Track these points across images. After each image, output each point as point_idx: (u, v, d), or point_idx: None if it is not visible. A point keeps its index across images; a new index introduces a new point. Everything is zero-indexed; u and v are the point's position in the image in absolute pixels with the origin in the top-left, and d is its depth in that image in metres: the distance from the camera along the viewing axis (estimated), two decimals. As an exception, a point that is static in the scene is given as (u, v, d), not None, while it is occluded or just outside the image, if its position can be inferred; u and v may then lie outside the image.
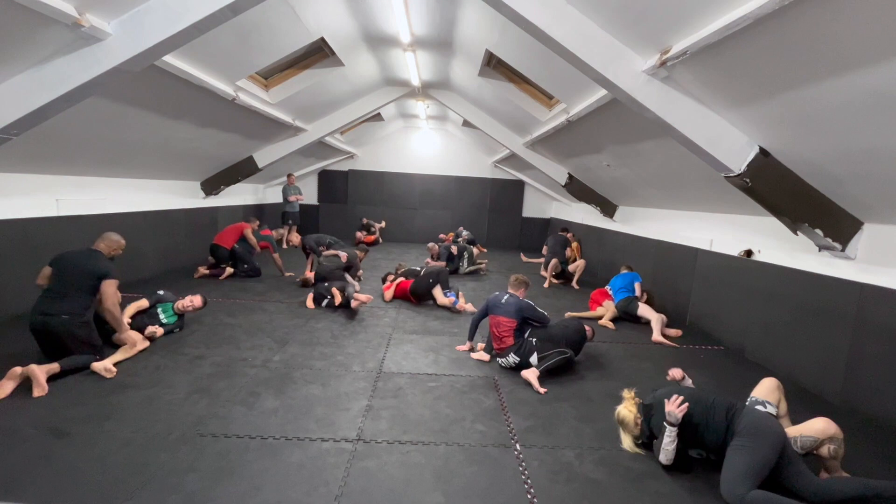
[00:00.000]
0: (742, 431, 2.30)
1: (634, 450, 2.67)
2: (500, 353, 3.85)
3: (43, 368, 3.00)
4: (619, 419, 2.70)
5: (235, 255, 6.80)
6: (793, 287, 4.01)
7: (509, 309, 3.87)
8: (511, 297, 3.95)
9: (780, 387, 2.66)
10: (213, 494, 2.13)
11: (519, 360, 3.73)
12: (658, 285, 6.24)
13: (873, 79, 2.31)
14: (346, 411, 2.98)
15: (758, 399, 2.57)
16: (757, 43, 2.57)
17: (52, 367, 3.08)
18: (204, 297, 4.46)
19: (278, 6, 4.35)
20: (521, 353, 3.73)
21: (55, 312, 3.19)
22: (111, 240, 3.67)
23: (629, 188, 6.92)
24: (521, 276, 4.18)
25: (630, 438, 2.69)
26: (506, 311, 3.87)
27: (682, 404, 2.40)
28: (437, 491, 2.25)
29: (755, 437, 2.26)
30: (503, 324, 3.84)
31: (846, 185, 3.21)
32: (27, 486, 2.12)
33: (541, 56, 4.41)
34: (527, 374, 3.54)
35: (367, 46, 6.34)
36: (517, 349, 3.76)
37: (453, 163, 12.61)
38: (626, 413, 2.67)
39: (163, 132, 5.42)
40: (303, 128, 8.09)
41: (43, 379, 2.96)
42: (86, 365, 3.28)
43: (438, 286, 5.55)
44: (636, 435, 2.67)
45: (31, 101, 3.21)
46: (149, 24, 3.15)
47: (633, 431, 2.66)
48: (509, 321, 3.83)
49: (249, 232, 6.82)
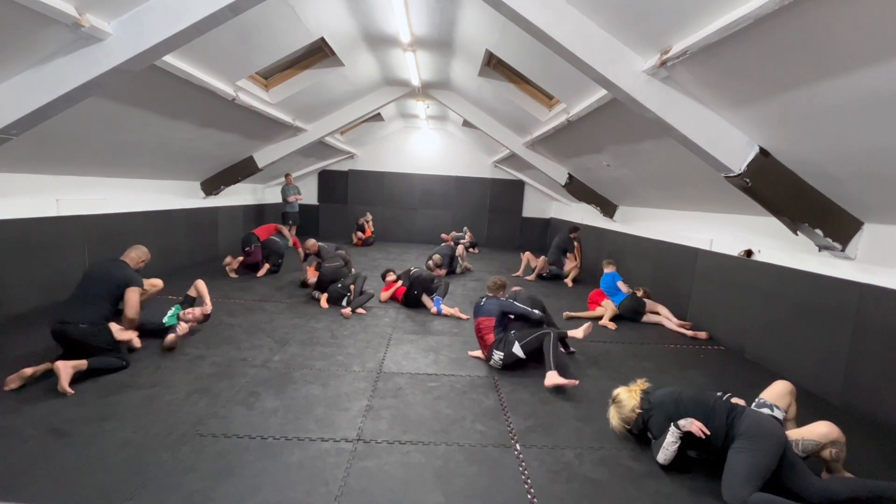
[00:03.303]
0: (744, 434, 2.30)
1: (620, 429, 2.73)
2: (489, 356, 3.87)
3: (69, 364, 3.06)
4: (615, 399, 2.75)
5: (270, 248, 7.15)
6: (793, 287, 4.01)
7: (491, 309, 3.98)
8: (491, 300, 4.08)
9: (793, 391, 2.60)
10: (213, 494, 2.13)
11: (503, 354, 3.76)
12: (658, 285, 6.24)
13: (873, 79, 2.31)
14: (346, 411, 2.98)
15: (765, 401, 2.55)
16: (757, 43, 2.57)
17: (80, 364, 3.13)
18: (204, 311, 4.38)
19: (278, 6, 4.35)
20: (504, 348, 3.77)
21: (73, 321, 3.22)
22: (140, 251, 3.78)
23: (629, 188, 6.92)
24: (497, 280, 4.30)
25: (619, 420, 2.72)
26: (487, 311, 3.98)
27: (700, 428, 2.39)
28: (437, 491, 2.25)
29: (756, 440, 2.26)
30: (483, 323, 3.94)
31: (846, 185, 3.21)
32: (27, 486, 2.12)
33: (541, 56, 4.41)
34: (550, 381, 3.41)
35: (367, 46, 6.34)
36: (498, 344, 3.80)
37: (453, 163, 12.61)
38: (625, 396, 2.71)
39: (163, 132, 5.42)
40: (303, 128, 8.09)
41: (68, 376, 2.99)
42: (114, 367, 3.33)
43: (424, 294, 5.60)
44: (628, 421, 2.70)
45: (31, 101, 3.21)
46: (149, 24, 3.15)
47: (628, 416, 2.68)
48: (489, 319, 3.93)
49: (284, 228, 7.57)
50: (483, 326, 3.94)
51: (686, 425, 2.39)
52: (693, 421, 2.39)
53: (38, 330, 4.02)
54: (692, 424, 2.38)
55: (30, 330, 4.04)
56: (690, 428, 2.38)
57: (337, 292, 5.43)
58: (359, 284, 5.58)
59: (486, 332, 3.90)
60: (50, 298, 4.66)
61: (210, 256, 8.16)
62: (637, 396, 2.69)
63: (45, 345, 3.69)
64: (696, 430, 2.36)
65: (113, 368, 3.32)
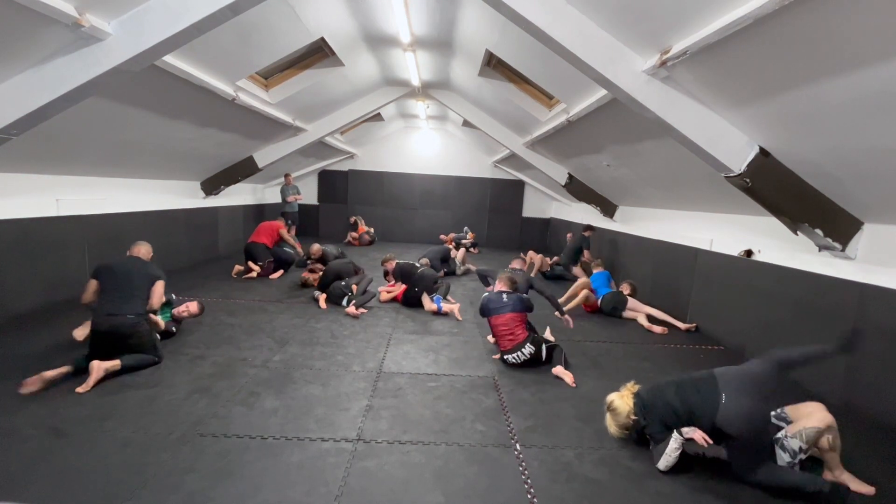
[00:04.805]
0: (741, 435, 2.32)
1: (619, 436, 2.73)
2: (512, 350, 3.84)
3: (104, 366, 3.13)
4: (610, 406, 2.73)
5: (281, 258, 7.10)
6: (793, 287, 4.01)
7: (516, 305, 3.96)
8: (511, 295, 4.04)
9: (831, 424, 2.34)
10: (213, 494, 2.13)
11: (534, 349, 3.80)
12: (658, 285, 6.24)
13: (874, 79, 2.31)
14: (346, 411, 2.98)
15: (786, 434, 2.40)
16: (757, 43, 2.57)
17: (115, 364, 3.19)
18: (201, 303, 4.45)
19: (278, 6, 4.35)
20: (534, 344, 3.81)
21: (121, 313, 3.29)
22: (147, 246, 3.86)
23: (629, 188, 6.92)
24: (509, 274, 4.31)
25: (617, 428, 2.71)
26: (513, 307, 3.95)
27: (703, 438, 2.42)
28: (437, 491, 2.25)
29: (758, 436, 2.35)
30: (514, 320, 3.90)
31: (846, 185, 3.21)
32: (27, 486, 2.12)
33: (541, 56, 4.41)
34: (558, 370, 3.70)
35: (367, 46, 6.34)
36: (530, 340, 3.83)
37: (453, 163, 12.61)
38: (620, 403, 2.68)
39: (163, 132, 5.42)
40: (303, 128, 8.09)
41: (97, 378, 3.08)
42: (146, 365, 3.40)
43: (425, 293, 5.60)
44: (626, 427, 2.69)
45: (31, 101, 3.21)
46: (149, 24, 3.15)
47: (625, 423, 2.67)
48: (518, 315, 3.92)
49: (285, 232, 7.24)
50: (515, 323, 3.89)
51: (689, 433, 2.40)
52: (695, 429, 2.40)
53: (38, 330, 4.03)
54: (695, 432, 2.39)
55: (30, 330, 4.04)
56: (693, 435, 2.38)
57: (339, 289, 5.42)
58: (363, 284, 5.57)
59: (519, 328, 3.88)
60: (50, 298, 4.66)
61: (210, 256, 8.17)
62: (630, 401, 2.67)
63: (45, 345, 3.70)
64: (698, 437, 2.37)
65: (146, 366, 3.40)
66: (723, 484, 2.41)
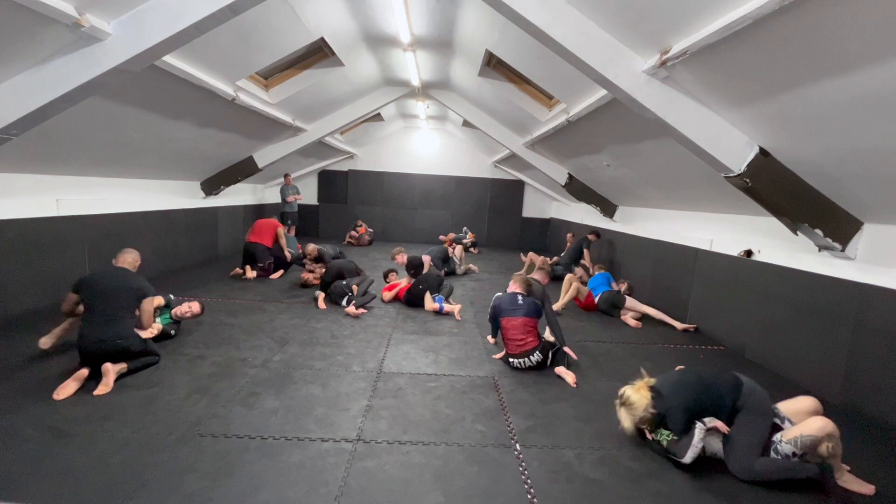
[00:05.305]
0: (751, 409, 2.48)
1: (633, 431, 2.69)
2: (521, 355, 3.77)
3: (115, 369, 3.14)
4: (626, 401, 2.61)
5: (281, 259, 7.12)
6: (793, 287, 4.01)
7: (529, 309, 3.86)
8: (525, 298, 3.96)
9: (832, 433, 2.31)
10: (212, 495, 2.13)
11: (542, 357, 3.75)
12: (658, 285, 6.24)
13: (874, 79, 2.31)
14: (346, 411, 2.98)
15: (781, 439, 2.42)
16: (757, 43, 2.57)
17: (123, 367, 3.22)
18: (202, 303, 4.43)
19: (278, 6, 4.35)
20: (543, 351, 3.76)
21: (110, 338, 3.17)
22: (134, 254, 3.67)
23: (629, 188, 6.92)
24: (525, 276, 4.26)
25: (632, 421, 2.61)
26: (526, 311, 3.85)
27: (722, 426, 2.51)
28: (437, 491, 2.25)
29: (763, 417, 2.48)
30: (526, 325, 3.80)
31: (846, 185, 3.21)
32: (27, 486, 2.12)
33: (541, 56, 4.41)
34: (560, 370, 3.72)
35: (367, 46, 6.34)
36: (542, 348, 3.77)
37: (453, 163, 12.61)
38: (636, 397, 2.58)
39: (163, 132, 5.42)
40: (303, 128, 8.09)
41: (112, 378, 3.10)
42: (148, 365, 3.44)
43: (427, 292, 5.59)
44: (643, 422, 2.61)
45: (31, 101, 3.21)
46: (149, 24, 3.15)
47: (641, 416, 2.57)
48: (531, 320, 3.82)
49: (282, 232, 7.19)
50: (528, 328, 3.79)
51: (710, 422, 2.47)
52: (715, 420, 2.49)
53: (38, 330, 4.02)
54: (714, 422, 2.48)
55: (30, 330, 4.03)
56: (715, 424, 2.47)
57: (340, 289, 5.42)
58: (364, 285, 5.56)
59: (531, 333, 3.79)
60: (50, 298, 4.65)
61: (210, 256, 8.17)
62: (647, 395, 2.57)
63: (45, 345, 3.69)
64: (720, 426, 2.47)
65: (148, 365, 3.43)
66: (723, 484, 2.41)
